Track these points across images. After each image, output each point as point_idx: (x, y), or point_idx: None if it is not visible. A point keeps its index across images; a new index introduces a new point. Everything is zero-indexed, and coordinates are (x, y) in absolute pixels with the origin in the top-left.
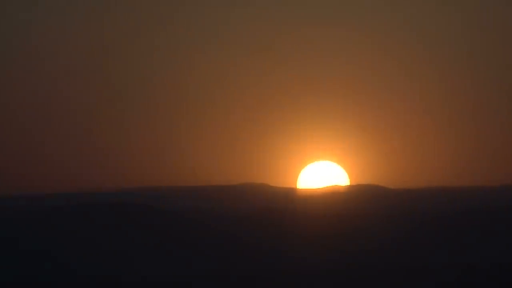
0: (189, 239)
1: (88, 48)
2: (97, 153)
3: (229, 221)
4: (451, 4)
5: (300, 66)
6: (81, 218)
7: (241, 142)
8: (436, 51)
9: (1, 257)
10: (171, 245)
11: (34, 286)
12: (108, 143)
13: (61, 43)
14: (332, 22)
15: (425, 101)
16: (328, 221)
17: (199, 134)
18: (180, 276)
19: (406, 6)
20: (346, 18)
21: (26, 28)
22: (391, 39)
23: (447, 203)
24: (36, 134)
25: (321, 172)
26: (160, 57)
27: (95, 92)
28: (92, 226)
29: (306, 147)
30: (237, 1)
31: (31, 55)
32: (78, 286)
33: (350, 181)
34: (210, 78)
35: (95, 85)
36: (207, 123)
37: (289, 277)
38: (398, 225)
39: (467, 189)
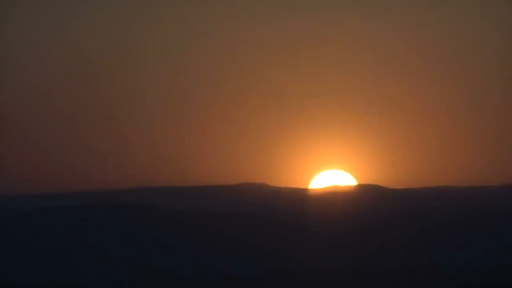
0: (189, 239)
1: (89, 48)
2: (97, 153)
3: (228, 221)
4: (452, 4)
5: (302, 68)
6: (81, 218)
7: (241, 142)
8: (435, 51)
9: (1, 258)
10: (171, 245)
11: (33, 286)
12: (108, 143)
13: (62, 42)
14: (340, 25)
15: (425, 101)
16: (328, 221)
17: (199, 135)
18: (180, 275)
19: (410, 8)
20: (355, 21)
21: (26, 27)
22: (390, 39)
23: (447, 203)
24: (36, 134)
25: (325, 174)
26: (160, 56)
27: (95, 91)
28: (92, 226)
29: (306, 147)
30: None
31: (32, 55)
32: (78, 286)
33: (352, 182)
34: (211, 77)
35: (95, 85)
36: (207, 123)
37: (290, 276)
38: (398, 225)
39: (467, 189)
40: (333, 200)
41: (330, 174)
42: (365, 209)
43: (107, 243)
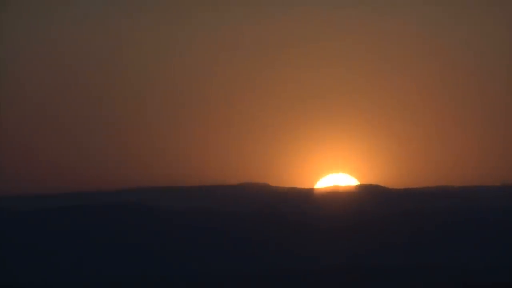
0: (189, 239)
1: (89, 48)
2: (97, 153)
3: (229, 221)
4: (452, 5)
5: (303, 69)
6: (81, 218)
7: (242, 142)
8: (435, 51)
9: (1, 258)
10: (171, 245)
11: (33, 286)
12: (108, 143)
13: (62, 42)
14: (342, 25)
15: (425, 101)
16: (329, 220)
17: (199, 135)
18: (180, 276)
19: (411, 7)
20: (356, 22)
21: (28, 28)
22: (389, 41)
23: (447, 203)
24: (36, 134)
25: (326, 175)
26: (161, 55)
27: (95, 91)
28: (92, 226)
29: (307, 147)
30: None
31: (32, 55)
32: (78, 286)
33: (353, 182)
34: (213, 76)
35: (95, 85)
36: (207, 123)
37: (290, 276)
38: (398, 225)
39: (467, 189)
40: (334, 200)
41: (331, 175)
42: (366, 208)
43: (107, 243)
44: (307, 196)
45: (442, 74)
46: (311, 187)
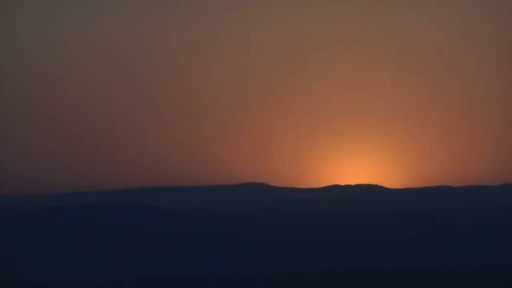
0: (189, 239)
1: (91, 49)
2: (97, 154)
3: (229, 221)
4: (451, 6)
5: (304, 70)
6: (81, 218)
7: (242, 142)
8: (435, 51)
9: (2, 256)
10: (171, 245)
11: (33, 285)
12: (108, 144)
13: (66, 44)
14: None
15: (425, 101)
16: (328, 220)
17: (199, 135)
18: (180, 275)
19: (412, 12)
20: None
21: (30, 29)
22: (388, 41)
23: (447, 203)
24: (38, 134)
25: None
26: (162, 57)
27: (96, 92)
28: (92, 226)
29: (307, 147)
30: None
31: (34, 56)
32: (79, 285)
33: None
34: (213, 78)
35: (96, 86)
36: (207, 124)
37: (290, 277)
38: (398, 225)
39: (467, 189)
40: (333, 200)
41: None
42: (365, 208)
43: (107, 243)
44: (306, 196)
45: (442, 75)
46: (310, 187)
